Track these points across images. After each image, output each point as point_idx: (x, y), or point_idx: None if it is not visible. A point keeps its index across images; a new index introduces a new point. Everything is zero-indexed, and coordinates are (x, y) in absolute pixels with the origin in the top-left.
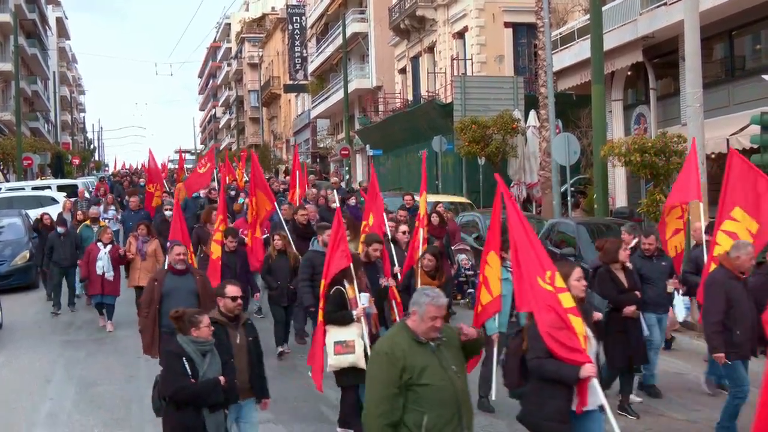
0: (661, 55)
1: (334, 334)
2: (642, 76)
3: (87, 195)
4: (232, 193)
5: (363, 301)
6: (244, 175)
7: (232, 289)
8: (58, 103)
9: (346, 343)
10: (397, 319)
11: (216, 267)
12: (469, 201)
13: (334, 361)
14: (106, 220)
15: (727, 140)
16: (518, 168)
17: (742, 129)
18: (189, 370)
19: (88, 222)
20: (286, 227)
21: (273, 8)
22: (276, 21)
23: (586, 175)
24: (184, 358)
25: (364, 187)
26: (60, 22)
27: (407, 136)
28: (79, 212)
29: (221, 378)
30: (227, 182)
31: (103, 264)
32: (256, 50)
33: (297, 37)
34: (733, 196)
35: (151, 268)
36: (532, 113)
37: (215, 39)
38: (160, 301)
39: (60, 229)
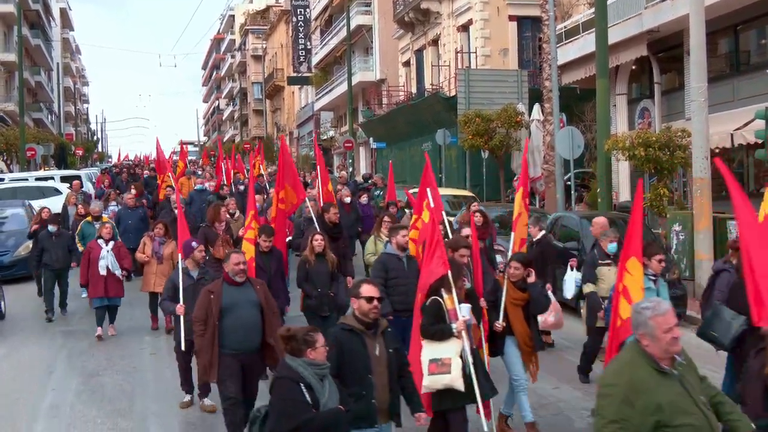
0: (665, 49)
1: (430, 350)
2: (646, 70)
3: (91, 187)
4: (242, 188)
5: (463, 312)
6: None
7: (368, 289)
8: (61, 94)
9: (442, 362)
10: (483, 341)
11: (250, 269)
12: (472, 194)
13: (429, 381)
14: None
15: (732, 135)
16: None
17: (746, 124)
18: (309, 399)
19: (89, 219)
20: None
21: (277, 0)
22: (280, 13)
23: (588, 169)
24: (302, 385)
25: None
26: (64, 12)
27: (411, 129)
28: (80, 206)
29: (341, 407)
30: (234, 176)
31: (106, 262)
32: (260, 42)
33: (301, 29)
34: None
35: (168, 272)
36: (536, 107)
37: (219, 31)
38: (219, 317)
39: (52, 228)
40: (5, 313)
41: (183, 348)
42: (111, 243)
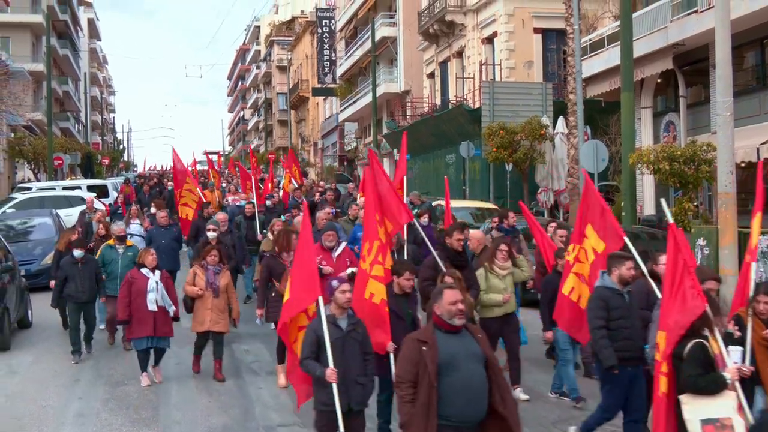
0: (691, 62)
1: (699, 408)
2: (672, 84)
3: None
4: (268, 203)
5: (734, 357)
6: (291, 181)
7: None
8: (88, 104)
9: (721, 423)
10: None
11: (382, 316)
12: (496, 207)
13: None
14: (129, 237)
15: (758, 149)
16: (546, 174)
17: None
18: None
19: (111, 241)
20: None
21: (302, 11)
22: (305, 24)
23: (612, 182)
24: None
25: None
26: (91, 23)
27: (435, 140)
28: (101, 225)
29: None
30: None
31: (156, 296)
32: (285, 53)
33: (326, 41)
34: None
35: (224, 307)
36: (561, 120)
37: (245, 41)
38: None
39: (78, 253)
40: (32, 321)
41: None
42: (157, 272)
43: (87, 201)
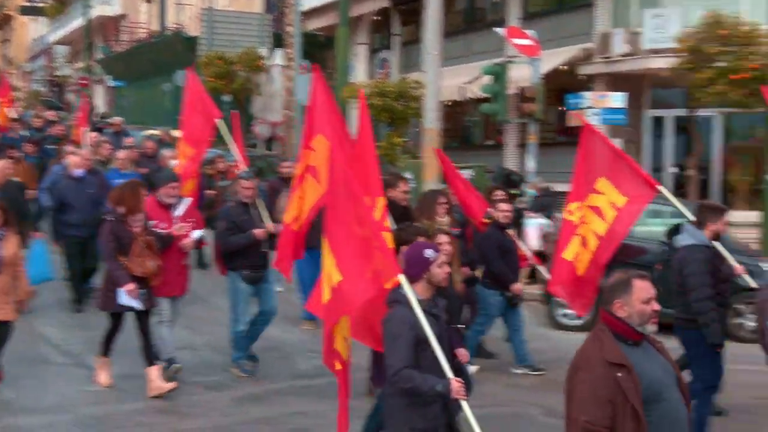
0: (406, 1)
1: None
2: (388, 22)
3: None
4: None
5: None
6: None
7: None
8: None
9: None
10: None
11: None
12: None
13: None
14: None
15: (459, 88)
16: (263, 106)
17: (475, 78)
18: None
19: None
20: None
21: None
22: None
23: None
24: None
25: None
26: None
27: (152, 68)
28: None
29: None
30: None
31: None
32: None
33: None
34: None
35: (9, 287)
36: (280, 52)
37: None
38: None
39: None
40: None
41: None
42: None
43: None
